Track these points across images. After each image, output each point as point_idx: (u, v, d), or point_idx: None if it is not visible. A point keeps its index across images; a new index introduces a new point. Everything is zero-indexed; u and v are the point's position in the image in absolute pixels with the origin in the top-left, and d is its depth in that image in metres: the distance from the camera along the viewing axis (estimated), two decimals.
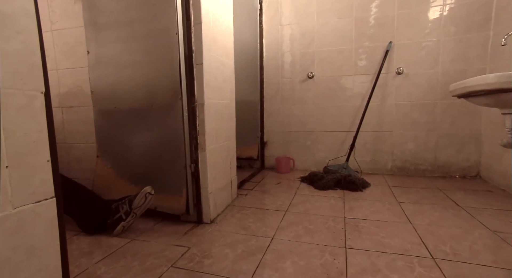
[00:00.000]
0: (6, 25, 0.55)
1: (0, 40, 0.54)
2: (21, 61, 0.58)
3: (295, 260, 1.08)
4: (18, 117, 0.58)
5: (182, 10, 1.34)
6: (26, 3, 0.58)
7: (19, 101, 0.58)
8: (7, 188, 0.56)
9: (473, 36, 2.11)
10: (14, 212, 0.57)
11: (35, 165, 0.61)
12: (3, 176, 0.55)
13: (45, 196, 0.63)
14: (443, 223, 1.38)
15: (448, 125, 2.24)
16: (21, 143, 0.58)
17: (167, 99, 1.39)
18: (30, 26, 0.59)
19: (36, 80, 0.61)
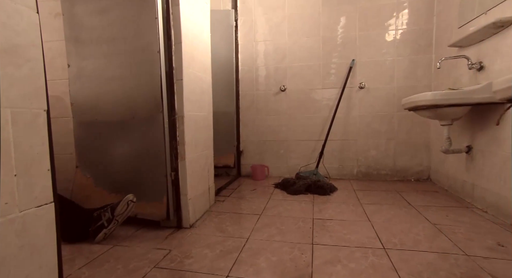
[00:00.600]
0: (19, 54, 0.65)
1: (13, 68, 0.64)
2: (29, 84, 0.67)
3: (268, 256, 1.21)
4: (25, 132, 0.67)
5: (164, 30, 1.47)
6: (35, 36, 0.68)
7: (27, 118, 0.67)
8: (15, 193, 0.65)
9: (420, 58, 2.43)
10: (20, 215, 0.66)
11: (38, 173, 0.70)
12: (12, 183, 0.64)
13: (46, 201, 0.72)
14: (396, 220, 1.59)
15: (404, 135, 2.52)
16: (27, 154, 0.67)
17: (149, 112, 1.49)
18: (37, 55, 0.69)
19: (40, 100, 0.71)
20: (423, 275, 1.04)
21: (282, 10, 2.68)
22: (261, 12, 2.72)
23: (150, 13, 1.44)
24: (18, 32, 0.65)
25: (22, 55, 0.65)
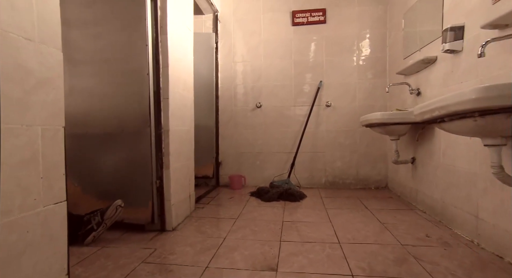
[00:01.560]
0: (48, 84, 0.84)
1: (45, 95, 0.83)
2: (54, 107, 0.87)
3: (241, 251, 1.42)
4: (50, 144, 0.85)
5: (153, 56, 1.68)
6: (59, 70, 0.88)
7: (51, 134, 0.86)
8: (41, 192, 0.82)
9: (377, 81, 2.81)
10: (44, 209, 0.83)
11: (56, 177, 0.88)
12: (39, 184, 0.82)
13: (61, 199, 0.90)
14: (353, 221, 1.86)
15: (365, 148, 2.86)
16: (50, 162, 0.86)
17: (137, 127, 1.68)
18: (60, 84, 0.89)
19: (60, 119, 0.90)
20: (366, 260, 1.29)
21: (258, 35, 2.99)
22: (240, 36, 3.01)
23: (142, 40, 1.65)
24: (48, 68, 0.84)
25: (51, 85, 0.85)
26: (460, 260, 1.28)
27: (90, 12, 1.70)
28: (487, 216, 1.37)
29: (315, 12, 2.90)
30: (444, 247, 1.42)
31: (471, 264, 1.25)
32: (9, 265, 0.73)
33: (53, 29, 0.87)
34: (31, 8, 0.79)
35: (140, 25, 1.65)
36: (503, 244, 1.27)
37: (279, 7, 2.95)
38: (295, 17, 2.93)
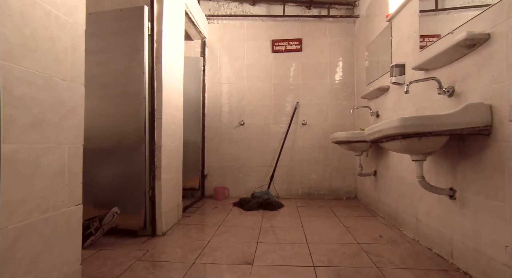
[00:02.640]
0: (74, 113, 1.10)
1: (71, 120, 1.08)
2: (76, 130, 1.11)
3: (223, 251, 1.66)
4: (73, 159, 1.09)
5: (149, 82, 1.95)
6: (82, 101, 1.14)
7: (74, 151, 1.10)
8: (66, 196, 1.05)
9: (347, 103, 3.19)
10: (68, 209, 1.06)
11: (76, 185, 1.11)
12: (65, 190, 1.05)
13: (79, 202, 1.13)
14: (322, 226, 2.14)
15: (336, 162, 3.19)
16: (72, 173, 1.09)
17: (133, 142, 1.91)
18: (81, 111, 1.14)
19: (81, 139, 1.14)
20: (326, 255, 1.57)
21: (242, 60, 3.33)
22: (225, 60, 3.34)
23: (140, 68, 1.92)
24: (75, 100, 1.10)
25: (76, 113, 1.10)
26: (400, 253, 1.58)
27: (95, 43, 1.96)
28: (423, 217, 1.69)
29: (293, 41, 3.29)
30: (391, 244, 1.72)
31: (408, 255, 1.55)
32: (46, 253, 0.95)
33: (79, 69, 1.13)
34: (67, 57, 1.05)
35: (138, 56, 1.93)
36: (432, 239, 1.59)
37: (261, 35, 3.32)
38: (274, 45, 3.30)
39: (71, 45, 1.08)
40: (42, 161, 0.94)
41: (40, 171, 0.93)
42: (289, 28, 3.29)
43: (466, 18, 1.33)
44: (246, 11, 3.33)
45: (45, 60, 0.95)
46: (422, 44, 1.73)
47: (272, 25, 3.31)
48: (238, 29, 3.34)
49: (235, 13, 3.33)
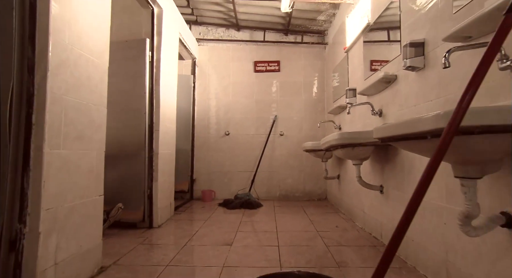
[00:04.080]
0: (99, 129, 1.51)
1: (98, 133, 1.49)
2: (101, 140, 1.52)
3: (209, 237, 2.06)
4: (98, 161, 1.50)
5: (149, 100, 2.37)
6: (104, 119, 1.55)
7: (99, 155, 1.51)
8: (94, 188, 1.45)
9: (318, 116, 3.69)
10: (95, 198, 1.46)
11: (100, 180, 1.51)
12: (93, 184, 1.45)
13: (101, 193, 1.53)
14: (292, 220, 2.57)
15: (309, 168, 3.66)
16: (97, 171, 1.49)
17: (135, 150, 2.31)
18: (104, 127, 1.56)
19: (103, 146, 1.55)
20: (290, 239, 2.00)
21: (228, 78, 3.79)
22: (213, 78, 3.79)
23: (142, 89, 2.34)
24: (100, 118, 1.51)
25: (100, 128, 1.51)
26: (347, 237, 2.04)
27: None
28: (367, 210, 2.16)
29: (272, 63, 3.79)
30: (342, 231, 2.17)
31: (352, 238, 2.00)
32: (82, 227, 1.34)
33: (104, 96, 1.55)
34: (97, 88, 1.47)
35: (140, 79, 2.35)
36: (371, 226, 2.06)
37: (245, 57, 3.80)
38: (256, 66, 3.79)
39: (99, 79, 1.50)
40: (81, 162, 1.34)
41: (80, 169, 1.33)
42: (269, 51, 3.80)
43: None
44: (232, 36, 3.82)
45: (85, 92, 1.37)
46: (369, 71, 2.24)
47: (254, 48, 3.80)
48: (225, 51, 3.81)
49: (222, 38, 3.81)
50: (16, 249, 1.04)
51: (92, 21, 1.43)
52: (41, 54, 1.12)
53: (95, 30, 1.46)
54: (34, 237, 1.07)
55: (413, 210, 0.58)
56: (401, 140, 0.88)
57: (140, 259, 1.66)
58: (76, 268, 1.29)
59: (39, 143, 1.11)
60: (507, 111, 0.63)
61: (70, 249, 1.26)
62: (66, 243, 1.24)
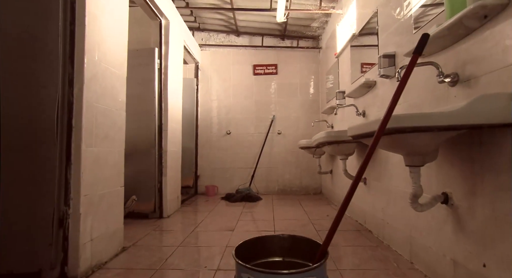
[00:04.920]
0: (120, 129, 1.78)
1: (119, 133, 1.76)
2: (121, 139, 1.79)
3: (213, 224, 2.33)
4: (119, 158, 1.77)
5: (158, 103, 2.63)
6: (124, 121, 1.82)
7: (120, 153, 1.78)
8: (117, 180, 1.73)
9: (313, 116, 3.95)
10: (117, 189, 1.73)
11: (120, 174, 1.78)
12: (115, 177, 1.72)
13: (122, 185, 1.80)
14: (288, 211, 2.84)
15: (305, 164, 3.92)
16: (119, 166, 1.76)
17: (146, 148, 2.58)
18: (124, 128, 1.82)
19: (123, 145, 1.82)
20: (285, 225, 2.27)
21: (229, 80, 4.05)
22: (215, 80, 4.05)
23: (152, 93, 2.61)
24: (121, 121, 1.78)
25: (121, 129, 1.78)
26: None
27: None
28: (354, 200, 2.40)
29: (270, 66, 4.05)
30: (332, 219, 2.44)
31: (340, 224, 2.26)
32: (109, 212, 1.60)
33: (123, 101, 1.81)
34: (118, 96, 1.73)
35: (150, 84, 2.61)
36: (357, 214, 2.32)
37: (244, 61, 4.06)
38: (255, 69, 4.05)
39: (120, 87, 1.77)
40: (108, 158, 1.61)
41: (107, 164, 1.60)
42: (267, 55, 4.05)
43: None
44: (232, 41, 4.07)
45: (109, 99, 1.63)
46: (360, 73, 2.49)
47: (253, 52, 4.06)
48: (226, 55, 4.07)
49: (223, 43, 4.07)
50: (63, 226, 1.31)
51: (114, 40, 1.70)
52: (79, 70, 1.39)
53: (116, 46, 1.73)
54: (76, 217, 1.35)
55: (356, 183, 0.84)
56: (362, 137, 1.15)
57: (155, 241, 1.93)
58: (105, 245, 1.57)
59: (78, 142, 1.37)
60: (427, 116, 0.90)
61: (101, 229, 1.53)
62: (98, 224, 1.51)
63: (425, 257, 1.36)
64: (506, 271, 0.88)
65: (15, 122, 1.27)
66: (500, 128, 0.88)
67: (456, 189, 1.13)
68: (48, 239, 1.26)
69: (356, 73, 2.42)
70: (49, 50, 1.31)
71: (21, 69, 1.28)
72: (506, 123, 0.84)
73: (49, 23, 1.31)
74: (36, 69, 1.29)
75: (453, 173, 1.14)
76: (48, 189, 1.28)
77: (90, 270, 1.42)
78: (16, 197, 1.26)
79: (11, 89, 1.27)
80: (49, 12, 1.32)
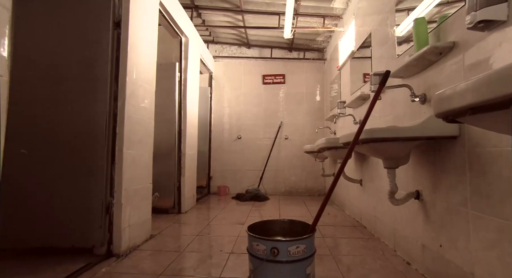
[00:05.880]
0: (149, 135, 2.12)
1: (149, 138, 2.10)
2: (151, 144, 2.13)
3: (226, 219, 2.64)
4: (148, 158, 2.10)
5: (178, 111, 2.98)
6: (152, 128, 2.16)
7: (150, 155, 2.11)
8: (147, 178, 2.06)
9: (318, 122, 4.23)
10: (147, 185, 2.06)
11: (150, 173, 2.12)
12: (145, 174, 2.06)
13: (150, 182, 2.13)
14: (293, 209, 3.12)
15: (310, 167, 4.19)
16: (149, 166, 2.10)
17: (167, 151, 2.92)
18: (152, 135, 2.16)
19: (152, 148, 2.15)
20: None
21: (239, 89, 4.38)
22: (227, 89, 4.39)
23: (173, 103, 2.95)
24: (150, 129, 2.12)
25: (151, 135, 2.12)
26: (335, 220, 2.58)
27: None
28: (352, 200, 2.69)
29: (278, 76, 4.36)
30: (333, 217, 2.71)
31: (338, 221, 2.54)
32: (142, 204, 1.93)
33: (152, 112, 2.15)
34: (149, 107, 2.07)
35: (171, 95, 2.96)
36: (355, 212, 2.59)
37: (254, 71, 4.39)
38: (264, 79, 4.37)
39: (150, 100, 2.11)
40: (141, 159, 1.94)
41: (140, 164, 1.93)
42: (276, 66, 4.37)
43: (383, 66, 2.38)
44: (243, 53, 4.41)
45: (142, 111, 1.97)
46: (362, 82, 2.77)
47: (262, 63, 4.38)
48: (237, 66, 4.41)
49: (235, 54, 4.41)
50: (109, 212, 1.64)
51: (146, 60, 2.04)
52: (122, 88, 1.73)
53: (148, 65, 2.07)
54: (119, 206, 1.68)
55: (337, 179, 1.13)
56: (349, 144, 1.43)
57: (177, 231, 2.25)
58: (138, 231, 1.89)
59: (120, 146, 1.71)
60: (393, 130, 1.18)
61: (135, 218, 1.86)
62: (133, 213, 1.84)
63: (404, 245, 1.62)
64: (453, 249, 1.15)
65: (78, 130, 1.62)
66: (448, 140, 1.16)
67: (425, 187, 1.40)
68: (98, 222, 1.59)
69: (354, 86, 2.70)
70: (100, 73, 1.66)
71: (82, 88, 1.63)
72: (451, 136, 1.12)
73: (101, 51, 1.66)
74: (92, 88, 1.64)
75: (423, 174, 1.41)
76: (99, 183, 1.61)
77: (128, 250, 1.74)
78: (77, 188, 1.60)
79: (76, 104, 1.62)
80: (100, 43, 1.67)
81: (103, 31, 1.67)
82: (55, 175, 1.60)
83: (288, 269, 1.00)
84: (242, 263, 1.59)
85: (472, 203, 1.04)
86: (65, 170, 1.60)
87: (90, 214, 1.59)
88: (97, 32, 1.67)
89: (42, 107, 1.62)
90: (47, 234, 1.58)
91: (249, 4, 3.21)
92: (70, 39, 1.66)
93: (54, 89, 1.62)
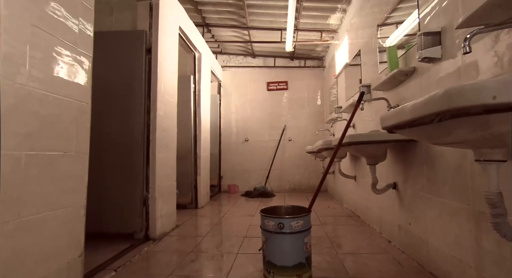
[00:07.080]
0: (173, 140, 2.51)
1: (173, 144, 2.49)
2: (175, 148, 2.52)
3: (238, 212, 3.01)
4: (172, 161, 2.49)
5: (193, 118, 3.36)
6: (176, 134, 2.56)
7: (174, 157, 2.50)
8: (172, 177, 2.44)
9: (319, 125, 4.58)
10: (173, 183, 2.45)
11: (174, 172, 2.50)
12: (171, 174, 2.44)
13: (174, 180, 2.52)
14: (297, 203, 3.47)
15: (313, 166, 4.55)
16: (172, 167, 2.48)
17: (185, 154, 3.30)
18: (175, 140, 2.56)
19: (175, 152, 2.54)
20: None
21: (246, 96, 4.76)
22: (235, 96, 4.78)
23: (188, 110, 3.34)
24: (174, 135, 2.51)
25: (173, 141, 2.51)
26: (334, 212, 2.93)
27: None
28: (349, 194, 3.04)
29: (281, 83, 4.73)
30: (332, 209, 3.06)
31: (337, 212, 2.89)
32: (169, 199, 2.31)
33: (175, 120, 2.54)
34: (172, 116, 2.46)
35: (187, 103, 3.35)
36: (350, 204, 2.94)
37: (259, 79, 4.77)
38: (269, 86, 4.74)
39: (173, 110, 2.50)
40: (167, 161, 2.33)
41: (167, 165, 2.32)
42: (279, 74, 4.74)
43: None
44: (249, 62, 4.80)
45: (168, 120, 2.36)
46: (348, 95, 3.12)
47: (267, 71, 4.76)
48: (244, 74, 4.79)
49: (241, 64, 4.80)
50: (146, 205, 2.03)
51: (170, 76, 2.43)
52: (153, 102, 2.12)
53: (171, 81, 2.46)
54: (153, 199, 2.06)
55: (326, 172, 1.50)
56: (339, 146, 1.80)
57: (197, 222, 2.64)
58: (167, 221, 2.28)
59: (153, 150, 2.10)
60: (368, 135, 1.54)
61: (164, 209, 2.24)
62: (163, 206, 2.22)
63: (387, 228, 1.97)
64: (417, 225, 1.51)
65: (122, 138, 2.01)
66: (413, 142, 1.52)
67: (399, 179, 1.75)
68: (138, 212, 1.98)
69: (350, 91, 3.06)
70: (136, 91, 2.05)
71: (123, 104, 2.02)
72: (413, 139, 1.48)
73: (136, 74, 2.05)
74: (130, 104, 2.03)
75: (398, 168, 1.77)
76: (138, 180, 2.00)
77: (161, 236, 2.13)
78: (121, 185, 1.99)
79: (119, 117, 2.01)
80: (136, 67, 2.06)
81: (138, 57, 2.07)
82: (105, 174, 1.99)
83: (291, 238, 1.36)
84: (254, 244, 1.96)
85: (427, 189, 1.40)
86: (113, 170, 2.00)
87: (132, 205, 1.98)
88: (134, 59, 2.06)
89: (94, 119, 2.02)
90: (97, 222, 1.97)
91: (254, 22, 3.59)
92: (113, 65, 2.05)
93: (103, 106, 2.02)
